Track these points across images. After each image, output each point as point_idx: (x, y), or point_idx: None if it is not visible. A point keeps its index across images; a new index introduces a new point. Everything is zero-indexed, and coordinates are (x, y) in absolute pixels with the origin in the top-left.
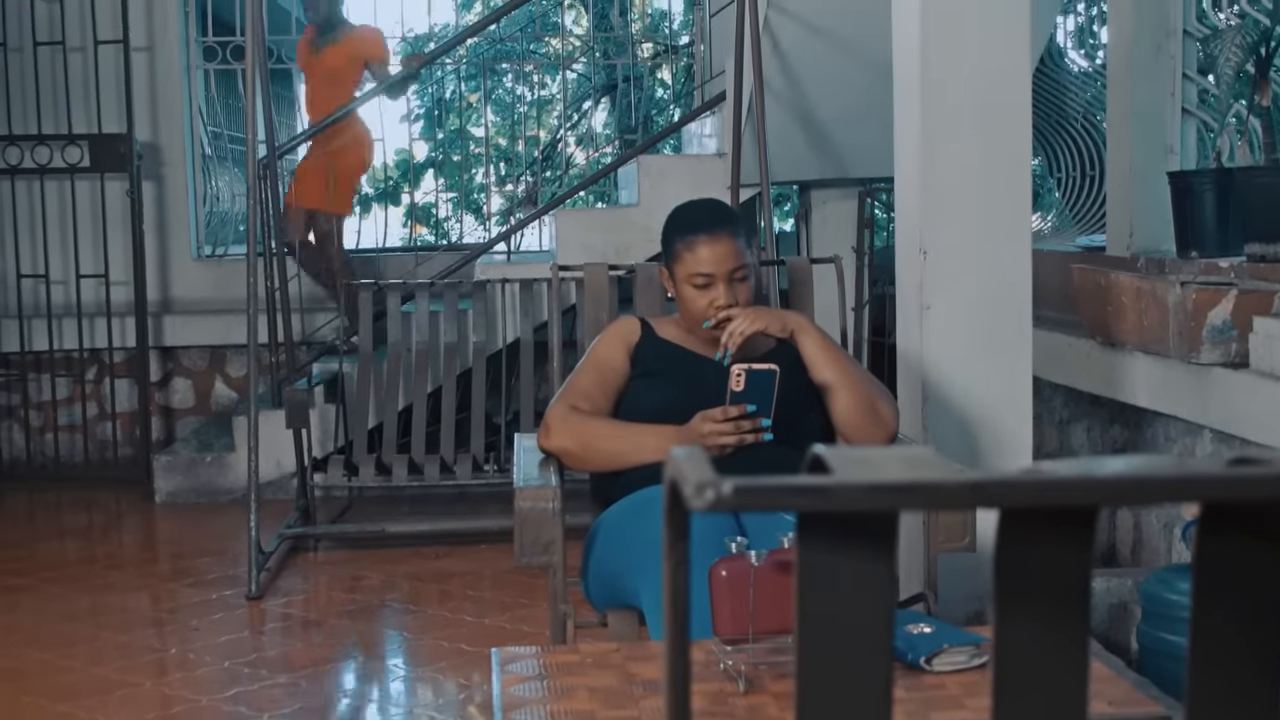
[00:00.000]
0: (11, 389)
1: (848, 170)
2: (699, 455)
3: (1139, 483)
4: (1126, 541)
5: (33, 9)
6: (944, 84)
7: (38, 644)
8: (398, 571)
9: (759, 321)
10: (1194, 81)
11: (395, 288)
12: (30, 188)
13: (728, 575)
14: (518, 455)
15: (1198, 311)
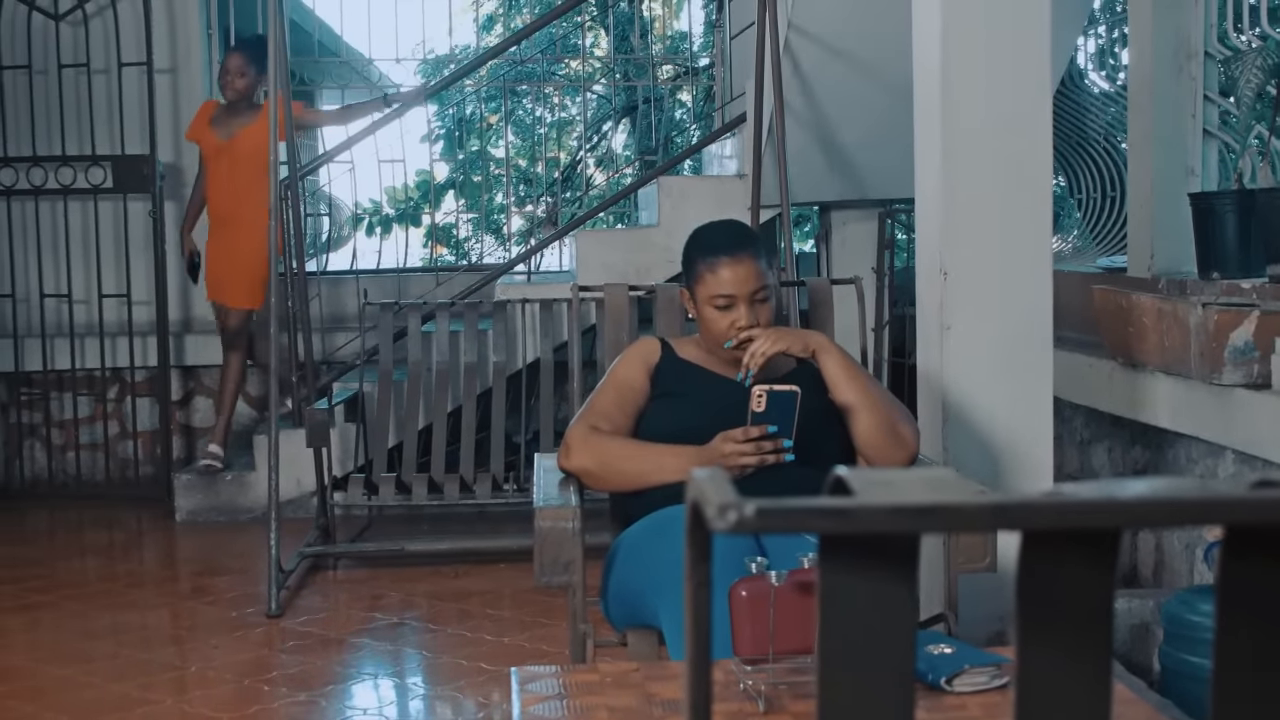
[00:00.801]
0: (34, 407)
1: (868, 191)
2: (721, 476)
3: (1162, 505)
4: (1148, 562)
5: (58, 32)
6: (964, 105)
7: (59, 661)
8: (417, 590)
9: (780, 342)
10: (1215, 103)
11: (416, 307)
12: (54, 208)
13: (748, 595)
14: (538, 475)
15: (1219, 332)
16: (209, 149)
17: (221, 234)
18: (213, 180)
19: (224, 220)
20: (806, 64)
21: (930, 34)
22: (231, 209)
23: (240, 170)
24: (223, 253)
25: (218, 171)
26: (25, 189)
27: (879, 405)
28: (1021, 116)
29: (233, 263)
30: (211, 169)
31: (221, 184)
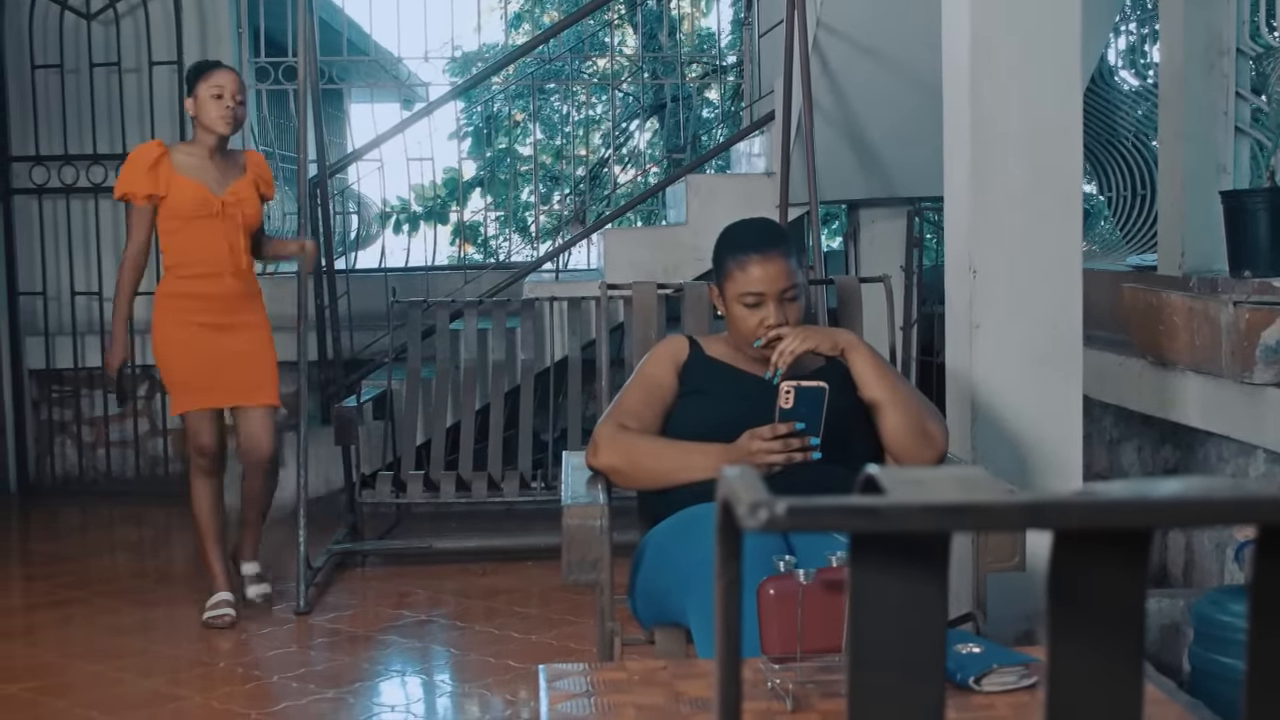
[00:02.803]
0: (65, 405)
1: (896, 189)
2: (752, 475)
3: (1195, 505)
4: (1178, 562)
5: (89, 31)
6: (994, 103)
7: (89, 657)
8: (445, 588)
9: (809, 340)
10: (1247, 100)
11: (444, 305)
12: (85, 206)
13: (776, 594)
14: (566, 473)
15: (1250, 331)
16: (191, 208)
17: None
18: (201, 253)
19: (224, 301)
20: (835, 62)
21: (960, 31)
22: (236, 288)
23: (246, 237)
24: (227, 343)
25: (211, 240)
26: (57, 187)
27: (908, 403)
28: (1051, 114)
29: (248, 353)
30: (193, 236)
31: (218, 256)
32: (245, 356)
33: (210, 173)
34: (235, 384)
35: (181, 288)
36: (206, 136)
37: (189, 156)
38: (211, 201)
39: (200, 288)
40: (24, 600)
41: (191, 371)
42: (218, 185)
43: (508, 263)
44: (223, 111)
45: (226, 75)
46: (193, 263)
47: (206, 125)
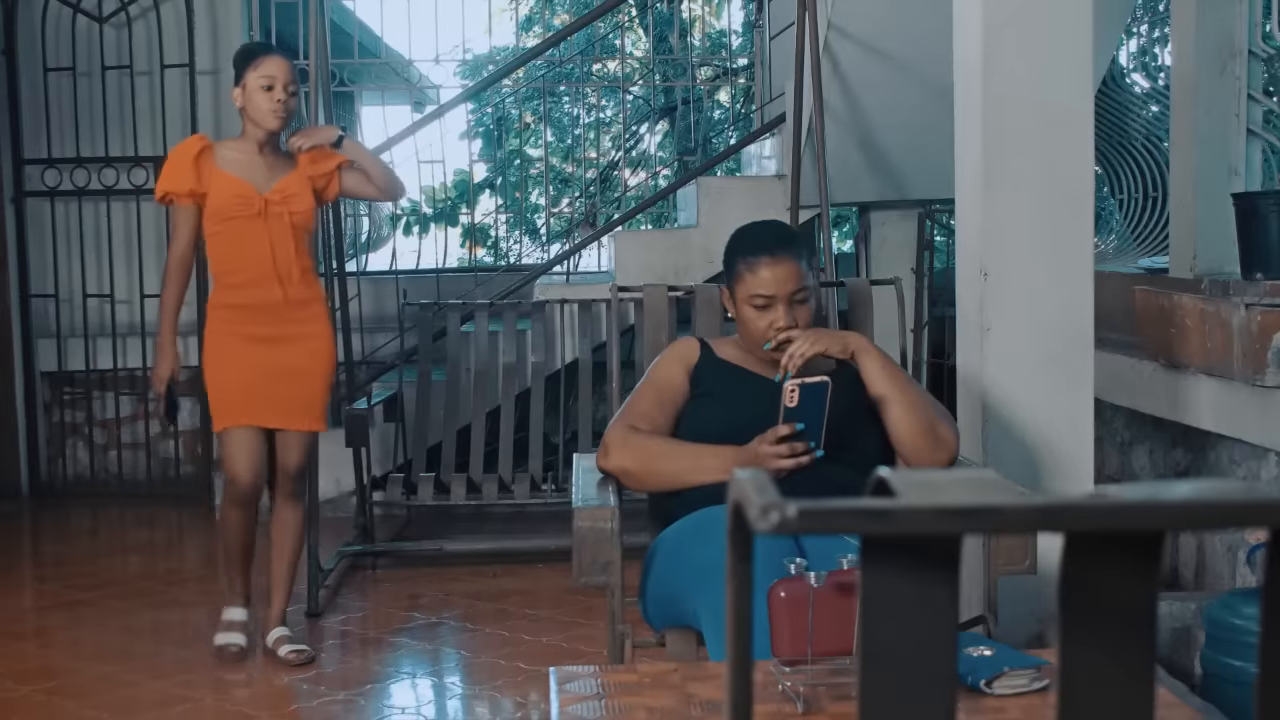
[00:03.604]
0: (76, 407)
1: (907, 192)
2: (763, 477)
3: (1207, 508)
4: (1189, 565)
5: (101, 34)
6: (1005, 105)
7: (101, 658)
8: (455, 590)
9: (819, 343)
10: (1259, 102)
11: (454, 308)
12: (97, 209)
13: (787, 596)
14: (576, 475)
15: (1263, 334)
16: (231, 207)
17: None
18: (244, 258)
19: (274, 311)
20: (846, 64)
21: (971, 33)
22: (288, 297)
23: (298, 239)
24: (278, 358)
25: (254, 243)
26: (69, 190)
27: (918, 406)
28: (1062, 116)
29: (299, 370)
30: (234, 239)
31: (261, 261)
32: (296, 374)
33: (258, 170)
34: (279, 403)
35: (227, 298)
36: (255, 131)
37: (235, 152)
38: (253, 200)
39: (245, 297)
40: (35, 602)
41: (232, 387)
42: (264, 183)
43: (518, 265)
44: (273, 105)
45: (278, 63)
46: (236, 269)
47: (255, 119)
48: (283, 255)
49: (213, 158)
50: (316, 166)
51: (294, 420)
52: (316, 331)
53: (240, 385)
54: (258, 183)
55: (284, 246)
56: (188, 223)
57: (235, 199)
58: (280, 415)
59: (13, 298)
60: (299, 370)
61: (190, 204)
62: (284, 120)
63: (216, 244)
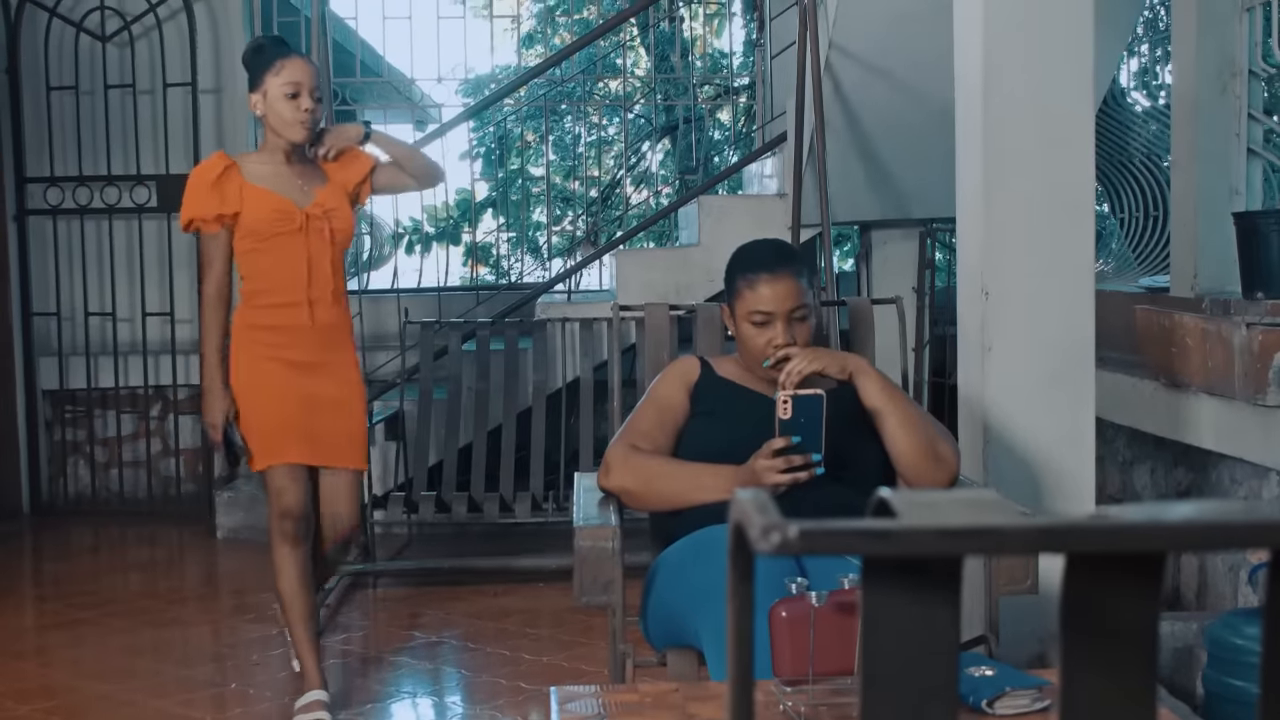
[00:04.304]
0: (78, 425)
1: (908, 210)
2: (765, 497)
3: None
4: (1191, 584)
5: (104, 53)
6: (1006, 124)
7: (101, 677)
8: (456, 609)
9: (817, 362)
10: (1259, 121)
11: (456, 326)
12: (99, 227)
13: (788, 616)
14: (577, 494)
15: (1264, 353)
16: (270, 223)
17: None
18: (281, 277)
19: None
20: (847, 83)
21: (972, 53)
22: (316, 320)
23: (335, 257)
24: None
25: (292, 261)
26: (71, 208)
27: (918, 426)
28: (1063, 135)
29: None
30: (272, 257)
31: (299, 280)
32: (335, 404)
33: (290, 181)
34: (324, 438)
35: (260, 318)
36: (278, 141)
37: (262, 165)
38: (293, 215)
39: (281, 318)
40: (36, 621)
41: (275, 418)
42: (301, 195)
43: (520, 283)
44: (300, 115)
45: (301, 68)
46: (272, 289)
47: (279, 130)
48: (319, 274)
49: (240, 174)
50: (348, 172)
51: (339, 456)
52: (346, 360)
53: (281, 417)
54: (294, 196)
55: (321, 265)
56: (221, 250)
57: (274, 215)
58: (324, 451)
59: (14, 315)
60: (336, 401)
61: (219, 229)
62: (311, 131)
63: (250, 262)
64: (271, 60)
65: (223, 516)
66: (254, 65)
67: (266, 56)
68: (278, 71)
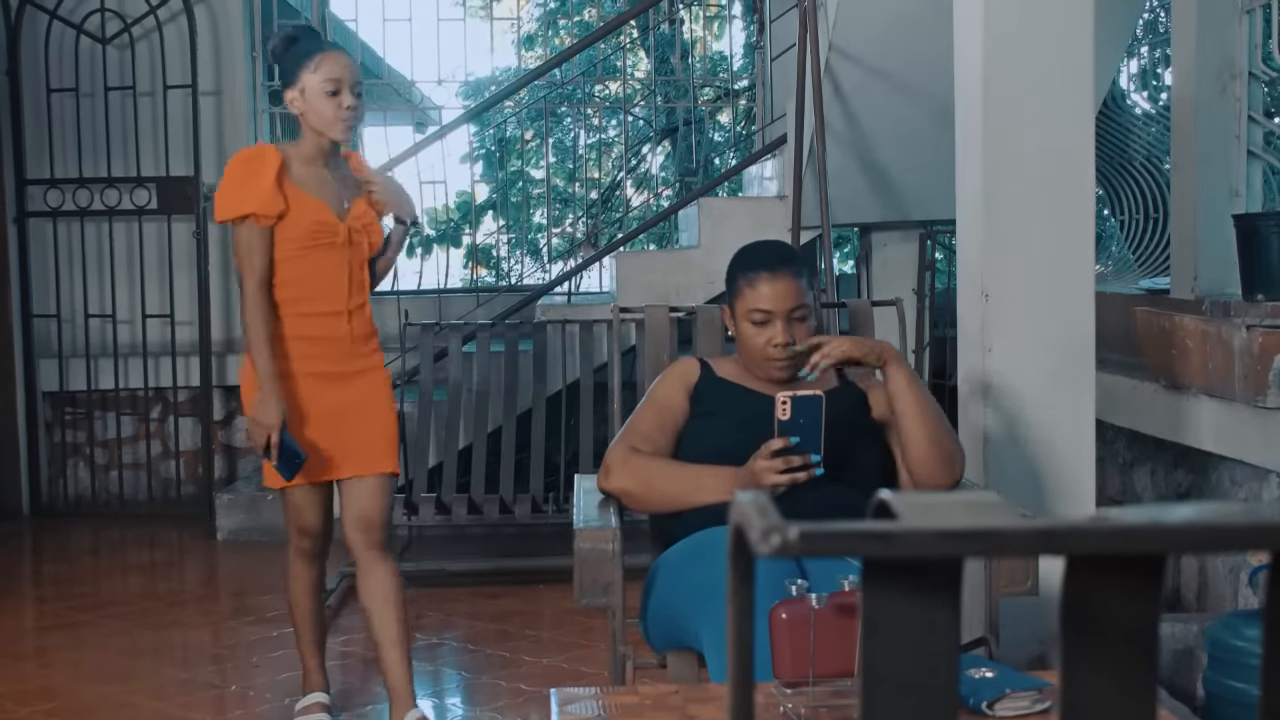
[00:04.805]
0: (78, 427)
1: (908, 212)
2: (765, 500)
3: (1208, 531)
4: (1192, 586)
5: (104, 56)
6: (1006, 126)
7: (101, 679)
8: (456, 610)
9: (855, 349)
10: (1259, 124)
11: (456, 328)
12: (99, 229)
13: (788, 618)
14: (577, 496)
15: (1264, 355)
16: (311, 233)
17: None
18: (320, 287)
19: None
20: (847, 85)
21: (972, 55)
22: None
23: (364, 270)
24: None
25: (333, 272)
26: (71, 210)
27: (937, 423)
28: (1063, 137)
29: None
30: (312, 266)
31: (339, 291)
32: (363, 409)
33: (329, 189)
34: (350, 448)
35: (294, 328)
36: (318, 140)
37: (302, 166)
38: (336, 227)
39: (317, 328)
40: (36, 622)
41: (299, 437)
42: (337, 204)
43: (520, 285)
44: (342, 113)
45: (340, 62)
46: (310, 297)
47: (319, 128)
48: (357, 286)
49: (288, 174)
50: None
51: (368, 464)
52: (376, 364)
53: (309, 438)
54: (334, 205)
55: (361, 275)
56: (266, 244)
57: (317, 225)
58: (352, 462)
59: (14, 317)
60: (365, 404)
61: (270, 224)
62: (353, 128)
63: (290, 269)
64: (309, 55)
65: (223, 518)
66: (288, 60)
67: (302, 50)
68: (315, 67)
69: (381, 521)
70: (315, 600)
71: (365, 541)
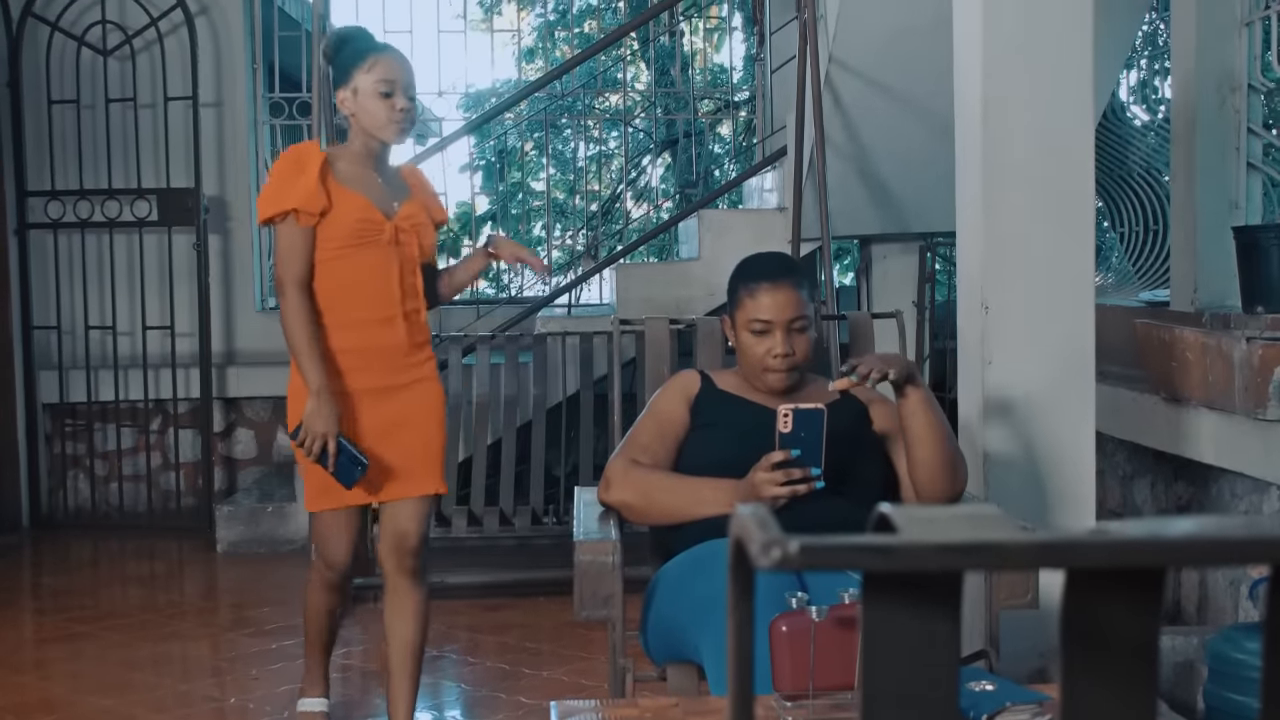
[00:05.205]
0: (77, 438)
1: (908, 224)
2: (765, 513)
3: (1208, 544)
4: (1192, 599)
5: (105, 67)
6: (1006, 138)
7: (100, 691)
8: (456, 623)
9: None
10: (1259, 136)
11: (456, 340)
12: (100, 241)
13: (788, 631)
14: (577, 508)
15: (1264, 367)
16: (357, 232)
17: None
18: (366, 291)
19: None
20: (847, 97)
21: (971, 67)
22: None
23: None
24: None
25: (380, 275)
26: (72, 222)
27: (946, 441)
28: (1063, 149)
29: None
30: (358, 269)
31: (389, 297)
32: (410, 426)
33: (376, 188)
34: (393, 469)
35: (339, 340)
36: (369, 142)
37: (350, 166)
38: (382, 225)
39: (364, 339)
40: (35, 634)
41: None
42: (386, 204)
43: (520, 297)
44: (394, 115)
45: (394, 63)
46: (356, 304)
47: (370, 130)
48: (409, 290)
49: (332, 171)
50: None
51: (412, 485)
52: (430, 374)
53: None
54: (381, 203)
55: (413, 280)
56: (307, 244)
57: (362, 223)
58: (396, 484)
59: (15, 329)
60: (414, 419)
61: (314, 224)
62: (406, 131)
63: (332, 272)
64: (362, 55)
65: (222, 530)
66: (341, 60)
67: (356, 50)
68: (369, 68)
69: (418, 544)
70: (331, 618)
71: (399, 566)
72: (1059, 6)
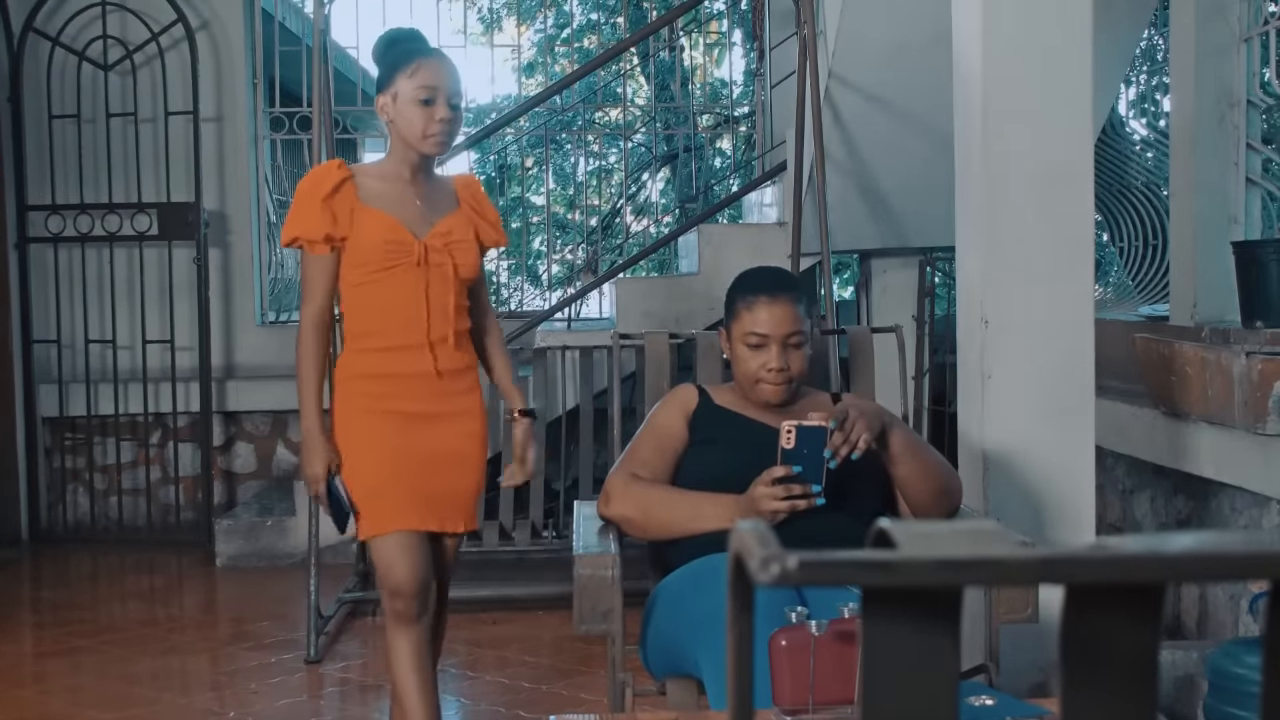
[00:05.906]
0: (77, 452)
1: (908, 239)
2: (764, 528)
3: (1208, 560)
4: (1192, 613)
5: (106, 82)
6: (1005, 153)
7: (100, 705)
8: (456, 637)
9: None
10: (1258, 151)
11: None
12: (100, 255)
13: (788, 645)
14: (577, 522)
15: (1264, 382)
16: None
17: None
18: (393, 317)
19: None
20: (847, 112)
21: (971, 82)
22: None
23: (459, 296)
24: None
25: (407, 299)
26: (72, 236)
27: (936, 472)
28: (1063, 164)
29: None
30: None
31: (417, 321)
32: (450, 462)
33: (408, 205)
34: (435, 501)
35: (369, 365)
36: (406, 153)
37: (380, 181)
38: (409, 245)
39: (394, 364)
40: (34, 648)
41: (383, 478)
42: (420, 222)
43: (520, 312)
44: (432, 126)
45: (439, 69)
46: (383, 330)
47: (406, 139)
48: (438, 316)
49: (354, 192)
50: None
51: (450, 521)
52: (470, 407)
53: (391, 477)
54: (412, 222)
55: (441, 304)
56: (324, 274)
57: (390, 244)
58: (436, 515)
59: (15, 343)
60: (453, 457)
61: (328, 251)
62: (445, 146)
63: (359, 298)
64: (407, 58)
65: (222, 544)
66: (385, 62)
67: (401, 53)
68: (412, 72)
69: (445, 580)
70: (423, 675)
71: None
72: (1058, 21)
